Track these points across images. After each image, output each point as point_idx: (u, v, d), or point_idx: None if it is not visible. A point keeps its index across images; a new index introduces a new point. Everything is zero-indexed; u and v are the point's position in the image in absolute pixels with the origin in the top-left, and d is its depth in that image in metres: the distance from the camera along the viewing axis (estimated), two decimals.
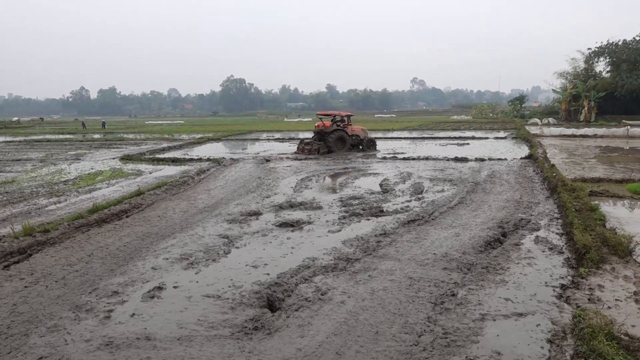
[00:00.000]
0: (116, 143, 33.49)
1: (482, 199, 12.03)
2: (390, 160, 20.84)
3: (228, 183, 15.41)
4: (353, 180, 15.39)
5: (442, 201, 11.81)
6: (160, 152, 26.56)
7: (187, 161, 21.57)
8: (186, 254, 8.07)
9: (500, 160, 19.74)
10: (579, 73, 55.99)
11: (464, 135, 35.96)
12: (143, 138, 38.86)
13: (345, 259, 7.59)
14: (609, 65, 53.61)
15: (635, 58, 49.17)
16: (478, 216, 10.28)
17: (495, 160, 19.93)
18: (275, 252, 8.13)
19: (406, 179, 15.35)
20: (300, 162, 20.43)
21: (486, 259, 7.50)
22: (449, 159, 20.57)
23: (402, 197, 12.60)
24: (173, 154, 24.95)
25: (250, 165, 19.86)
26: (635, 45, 50.76)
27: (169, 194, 13.49)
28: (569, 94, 52.94)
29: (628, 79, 47.43)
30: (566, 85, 57.00)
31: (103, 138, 39.33)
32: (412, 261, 7.47)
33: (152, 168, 19.48)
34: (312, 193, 13.41)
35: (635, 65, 48.77)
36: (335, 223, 9.98)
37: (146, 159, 22.44)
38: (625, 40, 51.65)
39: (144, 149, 28.11)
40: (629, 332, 4.98)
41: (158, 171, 18.51)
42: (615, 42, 52.14)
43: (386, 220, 10.10)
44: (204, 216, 10.83)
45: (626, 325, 5.14)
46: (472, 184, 14.17)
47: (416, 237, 8.76)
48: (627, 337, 4.85)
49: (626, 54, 49.94)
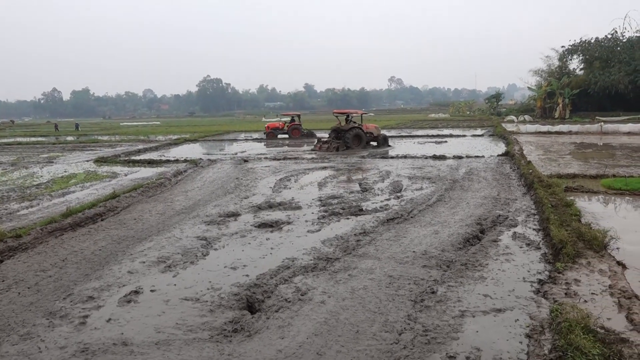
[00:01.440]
0: (90, 145, 32.97)
1: (461, 197, 12.15)
2: (369, 159, 20.91)
3: (206, 184, 15.29)
4: (332, 180, 15.40)
5: (421, 199, 11.89)
6: (135, 153, 26.24)
7: (163, 163, 21.34)
8: (163, 257, 7.98)
9: (477, 158, 19.97)
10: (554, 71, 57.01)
11: (442, 133, 36.28)
12: (118, 140, 38.32)
13: (325, 259, 7.59)
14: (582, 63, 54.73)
15: (608, 55, 50.30)
16: (456, 213, 10.38)
17: (472, 157, 20.15)
18: (254, 253, 8.09)
19: (385, 178, 15.42)
20: (279, 162, 20.38)
21: (465, 256, 7.57)
22: (428, 157, 20.74)
23: (381, 195, 12.65)
24: (149, 156, 24.66)
25: (228, 166, 19.73)
26: (607, 43, 51.98)
27: (145, 196, 13.33)
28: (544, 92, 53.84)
29: (601, 76, 48.44)
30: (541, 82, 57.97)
31: (77, 140, 38.67)
32: (392, 259, 7.51)
33: (127, 170, 19.22)
34: (291, 193, 13.39)
35: (608, 62, 49.87)
36: (314, 223, 9.98)
37: (121, 161, 22.15)
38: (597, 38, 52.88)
39: (119, 150, 27.75)
40: (604, 325, 5.08)
41: (134, 173, 18.27)
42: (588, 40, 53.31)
43: (365, 219, 10.13)
44: (182, 218, 10.73)
45: (602, 318, 5.25)
46: (450, 181, 14.30)
47: (395, 236, 8.80)
48: (603, 330, 4.94)
49: (598, 51, 51.11)
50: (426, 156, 20.90)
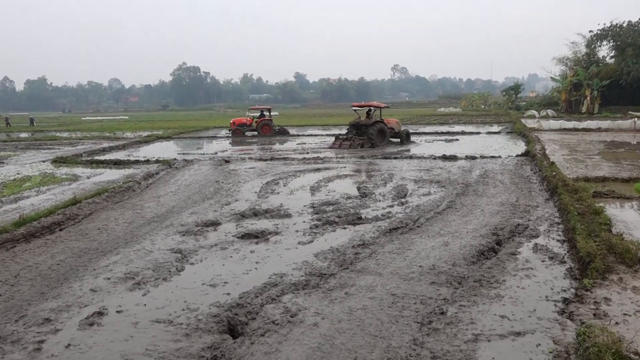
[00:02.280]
0: (47, 143, 32.85)
1: (474, 203, 12.20)
2: (369, 159, 20.95)
3: (181, 188, 15.27)
4: (327, 184, 15.42)
5: (428, 206, 11.92)
6: (99, 153, 26.19)
7: (132, 163, 21.29)
8: (131, 273, 7.95)
9: (493, 158, 20.06)
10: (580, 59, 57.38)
11: (453, 130, 36.43)
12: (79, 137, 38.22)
13: (319, 275, 7.59)
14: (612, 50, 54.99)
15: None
16: (469, 222, 10.42)
17: (488, 158, 20.24)
18: (236, 269, 8.08)
19: (387, 181, 15.46)
20: (265, 163, 20.39)
21: (479, 271, 7.60)
22: (436, 157, 20.81)
23: (383, 201, 12.67)
24: (115, 156, 24.60)
25: (207, 167, 19.71)
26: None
27: (111, 202, 13.30)
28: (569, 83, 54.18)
29: (634, 65, 48.54)
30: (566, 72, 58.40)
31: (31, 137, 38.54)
32: (395, 275, 7.52)
33: (90, 172, 19.17)
34: (279, 199, 13.38)
35: None
36: (306, 233, 9.98)
37: (83, 162, 22.10)
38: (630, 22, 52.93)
39: (81, 149, 27.66)
40: (639, 350, 5.10)
41: (97, 176, 18.22)
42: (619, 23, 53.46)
43: (365, 228, 10.14)
44: (153, 228, 10.70)
45: (636, 343, 5.27)
46: (462, 185, 14.36)
47: (399, 248, 8.82)
48: (638, 356, 4.96)
49: (632, 37, 51.12)
50: (434, 156, 20.97)
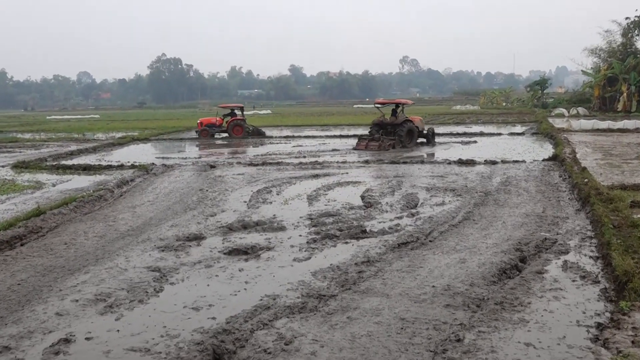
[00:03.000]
0: (7, 146, 32.81)
1: (495, 214, 12.20)
2: (375, 165, 20.97)
3: (159, 198, 15.26)
4: (326, 192, 15.43)
5: (442, 217, 11.93)
6: (67, 157, 26.17)
7: (103, 169, 21.28)
8: (103, 294, 7.93)
9: (516, 163, 20.08)
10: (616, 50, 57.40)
11: (470, 130, 36.46)
12: (44, 138, 38.19)
13: (317, 296, 7.58)
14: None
15: None
16: (489, 236, 10.42)
17: (510, 163, 20.26)
18: (223, 289, 8.06)
19: (395, 189, 15.47)
20: (256, 169, 20.40)
21: (501, 292, 7.59)
22: (451, 162, 20.83)
23: (390, 212, 12.68)
24: (85, 160, 24.60)
25: (190, 173, 19.72)
26: None
27: (79, 213, 13.29)
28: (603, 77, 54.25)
29: None
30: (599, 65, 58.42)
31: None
32: (405, 297, 7.51)
33: (56, 179, 19.15)
34: (272, 209, 13.38)
35: None
36: (303, 249, 9.97)
37: (48, 167, 22.06)
38: None
39: (45, 153, 27.63)
40: None
41: (64, 183, 18.20)
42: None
43: (370, 243, 10.14)
44: (128, 242, 10.69)
45: None
46: (481, 194, 14.37)
47: (409, 266, 8.81)
48: None
49: None
50: (449, 161, 21.00)
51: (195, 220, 12.35)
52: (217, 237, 10.92)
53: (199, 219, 12.53)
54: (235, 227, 11.49)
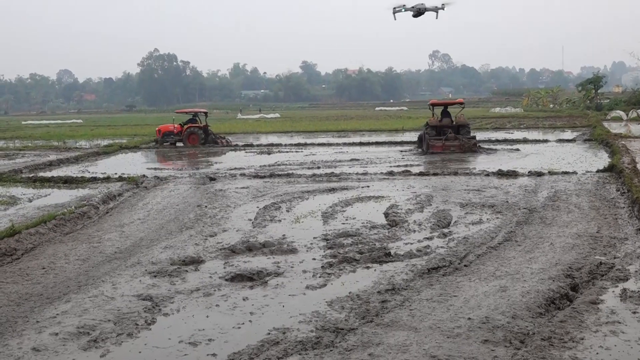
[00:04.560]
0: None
1: (541, 234, 12.13)
2: (400, 177, 20.94)
3: (151, 215, 15.31)
4: (344, 208, 15.42)
5: (479, 238, 11.87)
6: (45, 168, 26.28)
7: (87, 182, 21.36)
8: (86, 326, 7.95)
9: (566, 175, 19.97)
10: None
11: (511, 137, 36.33)
12: (19, 147, 38.43)
13: (334, 330, 7.56)
14: None
15: None
16: (535, 260, 10.35)
17: (559, 174, 20.15)
18: (225, 321, 8.07)
19: (425, 205, 15.43)
20: (262, 182, 20.41)
21: (548, 326, 7.53)
22: (489, 173, 20.76)
23: (418, 232, 12.64)
24: (65, 171, 24.72)
25: (186, 187, 19.78)
26: None
27: (60, 232, 13.33)
28: None
29: None
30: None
31: None
32: (436, 331, 7.47)
33: (32, 193, 19.25)
34: (281, 228, 13.39)
35: None
36: (317, 274, 9.95)
37: (23, 180, 22.17)
38: None
39: (21, 163, 27.76)
40: None
41: (42, 198, 18.30)
42: None
43: (395, 268, 10.11)
44: (115, 267, 10.71)
45: None
46: (524, 211, 14.29)
47: (441, 294, 8.77)
48: None
49: None
50: (487, 172, 20.92)
51: (193, 241, 12.36)
52: (217, 260, 10.92)
53: (196, 239, 12.54)
54: (239, 249, 11.48)
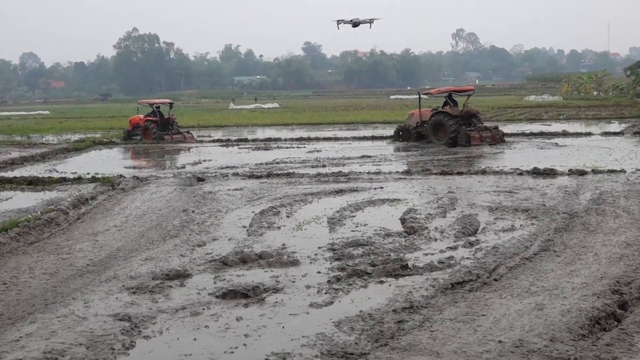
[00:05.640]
0: None
1: (583, 243, 12.10)
2: (419, 177, 20.91)
3: (130, 221, 15.31)
4: (353, 213, 15.41)
5: (511, 247, 11.84)
6: (6, 167, 26.40)
7: (55, 183, 21.39)
8: (55, 351, 7.95)
9: (613, 174, 19.93)
10: None
11: (549, 129, 36.27)
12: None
13: (342, 355, 7.56)
14: None
15: None
16: (576, 273, 10.32)
17: (604, 173, 20.11)
18: (215, 345, 8.07)
19: (448, 209, 15.42)
20: (259, 183, 20.39)
21: (593, 350, 7.51)
22: (523, 171, 20.74)
23: (440, 241, 12.62)
24: (30, 171, 24.80)
25: (170, 188, 19.78)
26: None
27: (23, 242, 13.33)
28: None
29: None
30: None
31: None
32: (461, 356, 7.47)
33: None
34: (280, 236, 13.38)
35: None
36: (322, 290, 9.93)
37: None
38: None
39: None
40: None
41: (3, 202, 18.40)
42: None
43: (413, 282, 10.08)
44: (87, 281, 10.71)
45: None
46: (564, 215, 14.25)
47: (467, 313, 8.75)
48: None
49: None
50: (520, 171, 20.89)
51: (178, 252, 12.34)
52: (206, 274, 10.89)
53: (182, 250, 12.52)
54: (232, 261, 11.46)
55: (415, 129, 33.38)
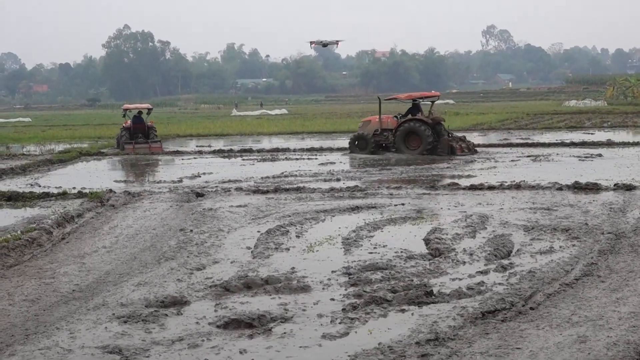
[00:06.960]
0: None
1: (631, 267, 12.06)
2: (445, 191, 20.89)
3: (121, 241, 15.34)
4: (371, 232, 15.40)
5: (550, 272, 11.81)
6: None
7: (37, 198, 21.46)
8: None
9: None
10: None
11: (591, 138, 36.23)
12: None
13: None
14: None
15: None
16: (623, 301, 10.28)
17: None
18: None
19: (477, 228, 15.40)
20: (265, 198, 20.40)
21: None
22: (562, 186, 20.71)
23: (470, 264, 12.62)
24: (9, 185, 24.94)
25: (166, 205, 19.81)
26: None
27: (1, 265, 13.34)
28: None
29: None
30: None
31: None
32: None
33: None
34: (289, 259, 13.39)
35: None
36: (336, 319, 9.92)
37: None
38: None
39: None
40: None
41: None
42: None
43: (439, 311, 10.07)
44: (73, 309, 10.72)
45: None
46: (609, 236, 14.21)
47: (499, 346, 8.73)
48: None
49: None
50: (559, 185, 20.86)
51: (174, 276, 12.36)
52: (206, 301, 10.91)
53: (179, 274, 12.54)
54: (234, 287, 11.46)
55: (373, 137, 34.01)
